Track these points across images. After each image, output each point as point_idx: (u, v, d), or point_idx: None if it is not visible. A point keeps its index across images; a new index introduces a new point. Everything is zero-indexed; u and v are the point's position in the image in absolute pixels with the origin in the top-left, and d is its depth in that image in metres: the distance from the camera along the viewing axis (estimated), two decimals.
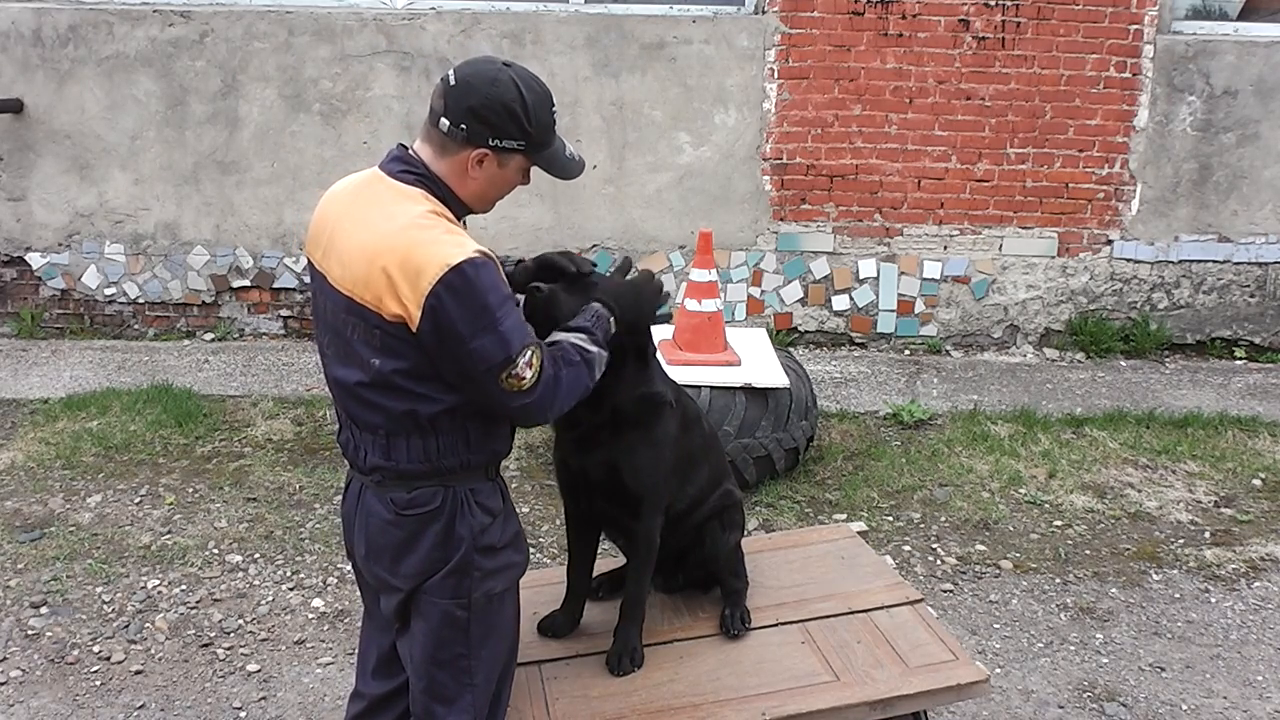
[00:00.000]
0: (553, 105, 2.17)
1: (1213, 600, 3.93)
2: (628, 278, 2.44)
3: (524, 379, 2.01)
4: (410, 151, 2.14)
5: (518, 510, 4.49)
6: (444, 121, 2.06)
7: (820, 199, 6.27)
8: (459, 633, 2.17)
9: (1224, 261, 6.36)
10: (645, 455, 2.49)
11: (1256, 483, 4.79)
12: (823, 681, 2.47)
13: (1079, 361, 6.33)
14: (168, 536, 4.21)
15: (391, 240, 1.99)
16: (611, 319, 2.25)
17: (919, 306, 6.40)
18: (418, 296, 1.95)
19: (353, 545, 2.27)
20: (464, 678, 2.19)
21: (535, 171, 2.29)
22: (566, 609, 2.68)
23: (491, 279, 1.99)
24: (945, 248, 6.34)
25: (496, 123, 2.06)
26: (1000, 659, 3.55)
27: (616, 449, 2.47)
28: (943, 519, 4.46)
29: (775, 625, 2.68)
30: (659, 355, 2.64)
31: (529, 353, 2.02)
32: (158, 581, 3.91)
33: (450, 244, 1.99)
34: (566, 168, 2.25)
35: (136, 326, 6.50)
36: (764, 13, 6.13)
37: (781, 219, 6.31)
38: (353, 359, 2.08)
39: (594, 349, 2.17)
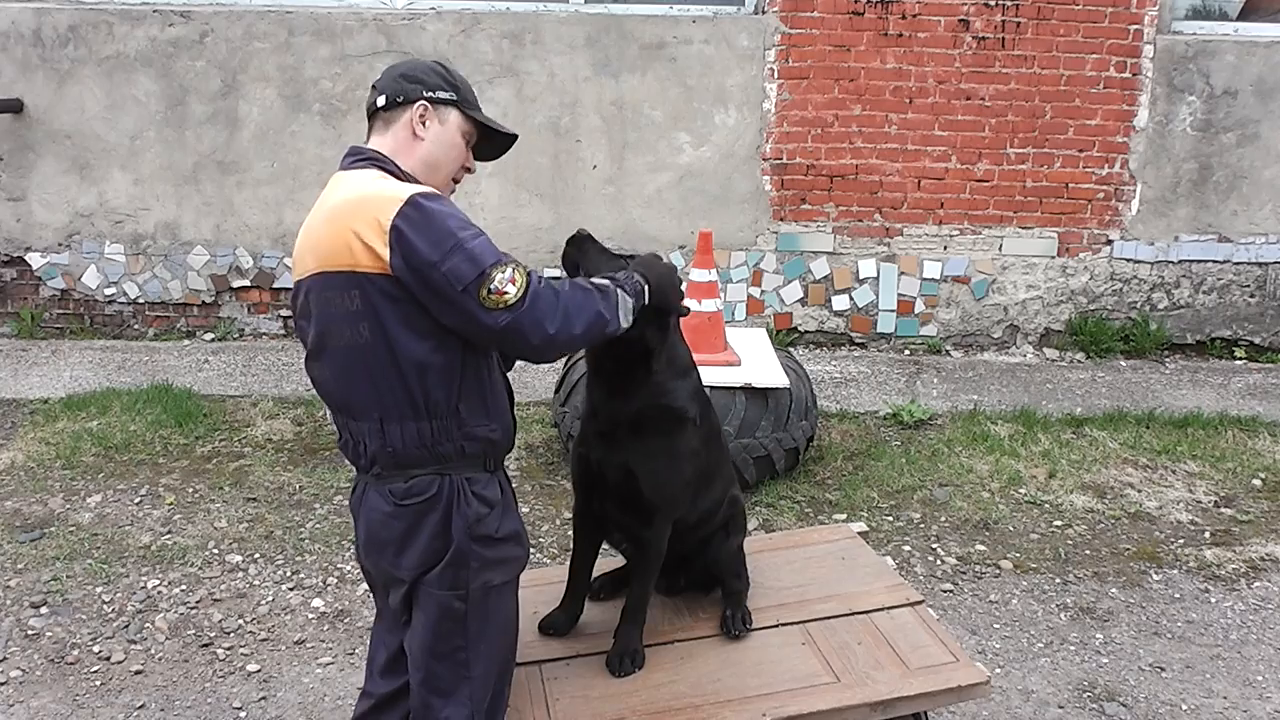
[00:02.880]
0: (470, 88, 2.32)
1: (1213, 600, 3.93)
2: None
3: (506, 293, 2.00)
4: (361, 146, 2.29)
5: (518, 510, 4.50)
6: (380, 99, 2.22)
7: (820, 199, 6.28)
8: (456, 625, 2.18)
9: (1224, 261, 6.36)
10: (664, 465, 2.48)
11: (1256, 483, 4.80)
12: (823, 683, 2.47)
13: (1079, 361, 6.33)
14: (168, 536, 4.21)
15: (350, 203, 2.07)
16: (645, 284, 2.25)
17: (919, 306, 6.40)
18: (383, 236, 2.00)
19: (359, 543, 2.29)
20: (461, 670, 2.20)
21: (533, 172, 2.35)
22: (567, 607, 2.68)
23: (448, 208, 2.04)
24: (945, 248, 6.34)
25: (426, 79, 2.22)
26: (1000, 659, 3.55)
27: (635, 453, 2.46)
28: (943, 519, 4.46)
29: (776, 626, 2.68)
30: (699, 371, 2.61)
31: (509, 269, 2.01)
32: (158, 581, 3.91)
33: (401, 187, 2.07)
34: (499, 130, 2.33)
35: (136, 326, 6.50)
36: (764, 13, 6.13)
37: (781, 219, 6.31)
38: (341, 337, 2.10)
39: (608, 284, 2.16)
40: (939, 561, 4.14)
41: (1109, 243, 6.34)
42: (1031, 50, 6.07)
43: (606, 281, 2.18)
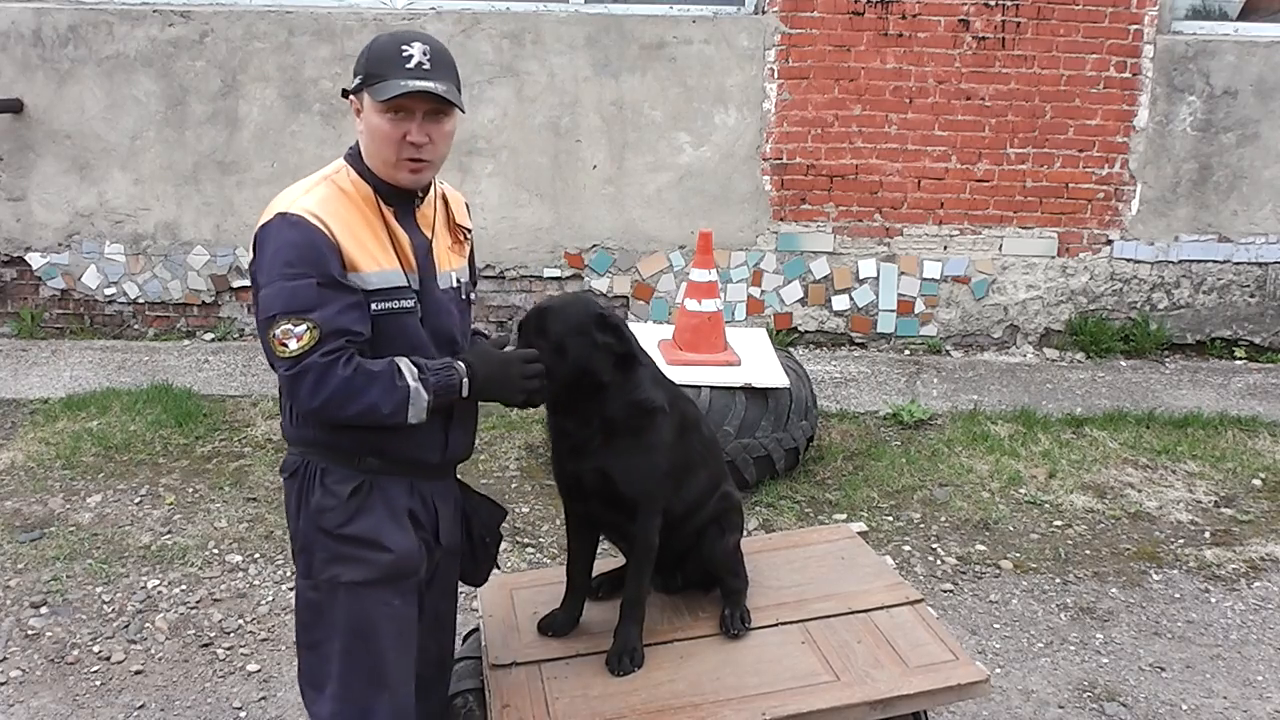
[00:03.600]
0: (405, 43, 2.09)
1: (1213, 600, 3.93)
2: (505, 351, 2.32)
3: (286, 346, 2.01)
4: None
5: (517, 510, 4.49)
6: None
7: (820, 199, 6.28)
8: (315, 615, 2.18)
9: (1224, 261, 6.36)
10: (638, 461, 2.48)
11: (1256, 483, 4.79)
12: (823, 681, 2.47)
13: (1079, 361, 6.33)
14: (168, 536, 4.21)
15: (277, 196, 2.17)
16: (464, 381, 2.16)
17: (919, 306, 6.40)
18: (252, 240, 2.12)
19: None
20: (325, 664, 2.19)
21: (533, 172, 2.33)
22: (567, 607, 2.68)
23: (296, 239, 2.04)
24: (945, 248, 6.34)
25: (355, 69, 2.16)
26: (1000, 659, 3.55)
27: (608, 456, 2.46)
28: (943, 519, 4.45)
29: (775, 625, 2.68)
30: (653, 358, 2.62)
31: (301, 326, 2.01)
32: (158, 581, 3.91)
33: (288, 201, 2.10)
34: (385, 90, 2.07)
35: (136, 326, 6.50)
36: (764, 13, 6.13)
37: (781, 219, 6.31)
38: None
39: (412, 383, 2.07)
40: (939, 561, 4.14)
41: (1109, 243, 6.34)
42: (1031, 50, 6.07)
43: (410, 375, 2.08)
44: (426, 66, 2.09)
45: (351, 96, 2.16)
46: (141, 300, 6.46)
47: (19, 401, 5.43)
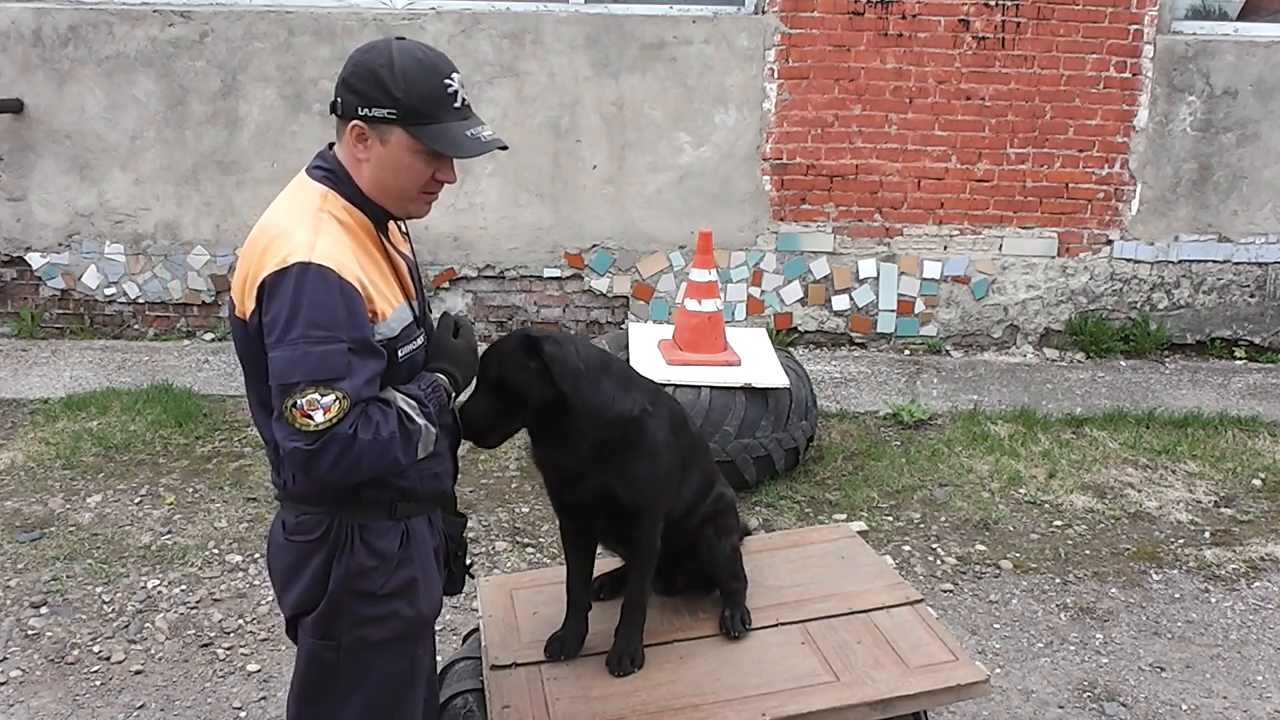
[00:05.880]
0: (445, 76, 1.92)
1: (1213, 600, 3.93)
2: (457, 337, 2.14)
3: (310, 420, 1.78)
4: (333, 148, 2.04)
5: (517, 510, 4.49)
6: (332, 103, 1.96)
7: (820, 199, 6.27)
8: (326, 675, 2.03)
9: (1224, 261, 6.36)
10: (638, 469, 2.44)
11: (1256, 483, 4.79)
12: (823, 682, 2.47)
13: (1079, 361, 6.33)
14: (168, 536, 4.21)
15: (268, 231, 1.89)
16: (450, 393, 2.03)
17: (919, 306, 6.40)
18: (255, 286, 1.85)
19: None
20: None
21: (533, 172, 2.25)
22: (570, 625, 2.60)
23: (326, 297, 1.80)
24: (945, 248, 6.34)
25: (363, 89, 1.89)
26: (1000, 659, 3.55)
27: (608, 474, 2.42)
28: (943, 519, 4.46)
29: (775, 625, 2.68)
30: (624, 363, 2.57)
31: (330, 396, 1.78)
32: (158, 581, 3.91)
33: (303, 243, 1.84)
34: (459, 144, 1.92)
35: (136, 326, 6.50)
36: (764, 13, 6.13)
37: (781, 219, 6.31)
38: (241, 358, 2.00)
39: (421, 421, 1.92)
40: (939, 561, 4.14)
41: (1109, 243, 6.34)
42: (1031, 50, 6.07)
43: (416, 413, 1.92)
44: (465, 100, 1.95)
45: (359, 126, 1.90)
46: (141, 300, 6.46)
47: (19, 401, 5.43)
